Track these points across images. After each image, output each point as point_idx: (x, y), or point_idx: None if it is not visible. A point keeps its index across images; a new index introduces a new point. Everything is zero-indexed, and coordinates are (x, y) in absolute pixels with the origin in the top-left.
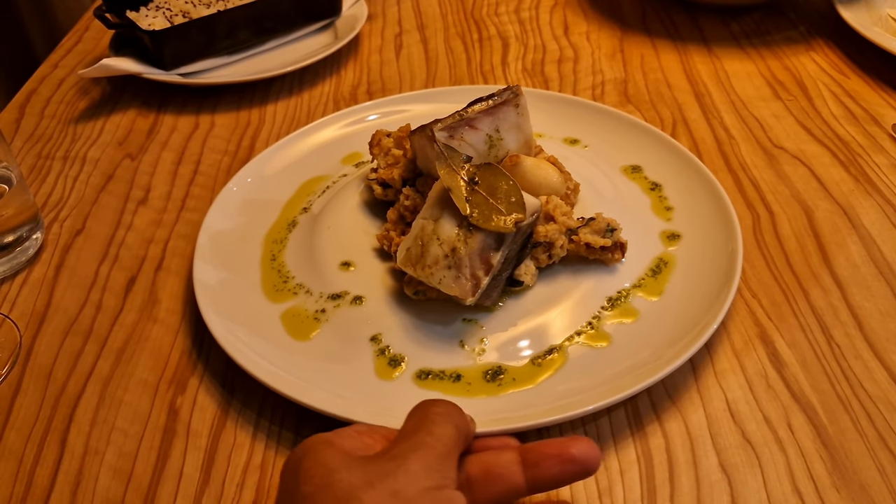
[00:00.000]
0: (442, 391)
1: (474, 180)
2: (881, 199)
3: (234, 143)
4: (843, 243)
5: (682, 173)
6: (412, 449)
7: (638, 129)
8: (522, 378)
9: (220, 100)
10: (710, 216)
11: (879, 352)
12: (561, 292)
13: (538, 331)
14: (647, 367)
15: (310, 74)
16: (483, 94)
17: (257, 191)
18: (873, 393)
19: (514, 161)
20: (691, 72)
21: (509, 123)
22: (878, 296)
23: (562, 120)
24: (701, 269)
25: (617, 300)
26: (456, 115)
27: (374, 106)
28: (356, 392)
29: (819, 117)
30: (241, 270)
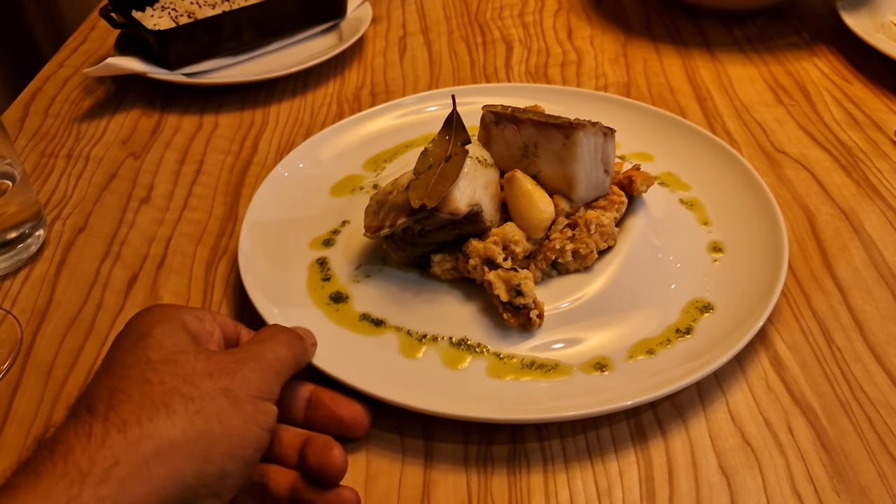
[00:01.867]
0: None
1: (448, 158)
2: (883, 204)
3: (238, 143)
4: (845, 247)
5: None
6: (253, 359)
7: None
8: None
9: (224, 100)
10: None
11: (880, 355)
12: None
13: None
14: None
15: (314, 76)
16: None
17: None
18: (873, 396)
19: (508, 177)
20: (694, 76)
21: (550, 149)
22: (879, 300)
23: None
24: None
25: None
26: (512, 108)
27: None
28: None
29: (821, 122)
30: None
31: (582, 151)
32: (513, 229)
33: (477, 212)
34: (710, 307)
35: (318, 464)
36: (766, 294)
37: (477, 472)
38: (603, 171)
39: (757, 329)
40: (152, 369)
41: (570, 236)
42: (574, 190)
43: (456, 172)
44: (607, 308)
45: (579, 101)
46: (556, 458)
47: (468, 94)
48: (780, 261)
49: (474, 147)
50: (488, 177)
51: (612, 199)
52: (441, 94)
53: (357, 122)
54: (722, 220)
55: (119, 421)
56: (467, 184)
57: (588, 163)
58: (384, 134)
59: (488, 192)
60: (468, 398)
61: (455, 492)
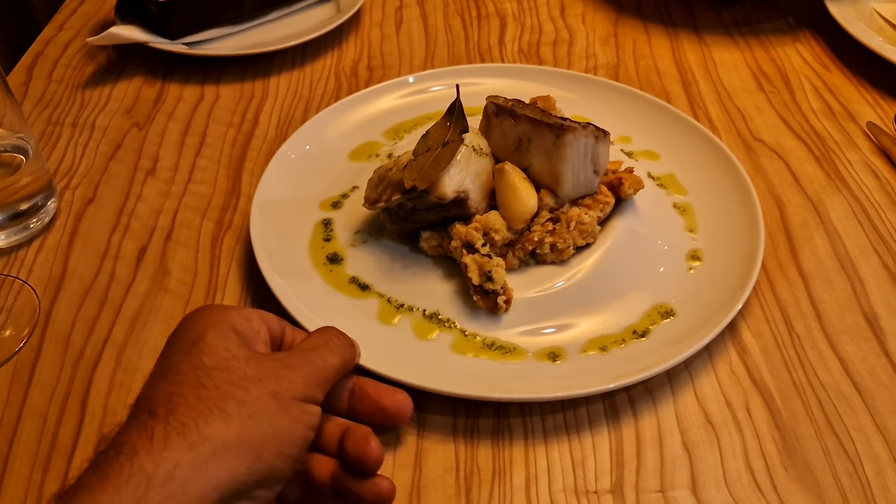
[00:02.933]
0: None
1: (445, 143)
2: (850, 196)
3: (239, 116)
4: (811, 238)
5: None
6: (302, 365)
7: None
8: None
9: (224, 71)
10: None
11: (834, 343)
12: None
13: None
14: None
15: (312, 48)
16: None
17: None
18: (825, 381)
19: (498, 168)
20: (681, 60)
21: (542, 146)
22: (838, 289)
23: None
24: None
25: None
26: (513, 101)
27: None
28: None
29: (799, 111)
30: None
31: (570, 152)
32: (496, 218)
33: (463, 199)
34: (672, 313)
35: (356, 454)
36: (729, 301)
37: (465, 443)
38: (592, 171)
39: (712, 336)
40: (207, 375)
41: (550, 230)
42: (560, 186)
43: (448, 159)
44: (573, 302)
45: (595, 90)
46: (536, 433)
47: (471, 75)
48: (751, 270)
49: (472, 136)
50: (481, 165)
51: (598, 198)
52: (451, 73)
53: (373, 94)
54: (707, 229)
55: (178, 424)
56: (458, 171)
57: (576, 163)
58: (407, 107)
59: (479, 180)
60: (432, 370)
61: (444, 459)
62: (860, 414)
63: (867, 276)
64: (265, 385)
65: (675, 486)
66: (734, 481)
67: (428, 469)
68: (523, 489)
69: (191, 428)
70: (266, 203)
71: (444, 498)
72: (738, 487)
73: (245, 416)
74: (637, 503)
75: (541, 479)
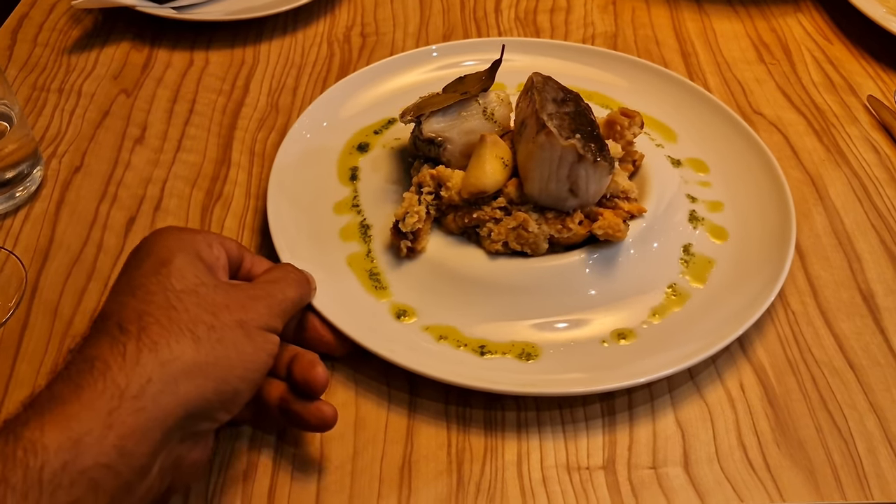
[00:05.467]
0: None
1: (465, 92)
2: (849, 171)
3: (229, 83)
4: (809, 213)
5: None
6: (266, 296)
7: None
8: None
9: (213, 36)
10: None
11: (830, 320)
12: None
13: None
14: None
15: (304, 13)
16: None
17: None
18: (819, 358)
19: (482, 136)
20: (680, 29)
21: (528, 135)
22: (834, 266)
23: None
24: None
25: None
26: (543, 83)
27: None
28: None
29: (799, 84)
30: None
31: (542, 154)
32: (455, 177)
33: (438, 143)
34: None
35: (303, 378)
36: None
37: (457, 419)
38: (567, 189)
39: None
40: (177, 298)
41: (496, 217)
42: (526, 183)
43: (443, 103)
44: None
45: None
46: (529, 409)
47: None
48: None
49: (494, 100)
50: (479, 126)
51: (566, 220)
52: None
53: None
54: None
55: (150, 342)
56: (447, 119)
57: (545, 169)
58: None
59: (466, 137)
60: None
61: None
62: (853, 391)
63: (864, 252)
64: (233, 313)
65: (668, 463)
66: (726, 458)
67: (419, 444)
68: (515, 465)
69: (162, 346)
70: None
71: (435, 473)
72: (730, 464)
73: (214, 341)
74: (629, 479)
75: (532, 455)
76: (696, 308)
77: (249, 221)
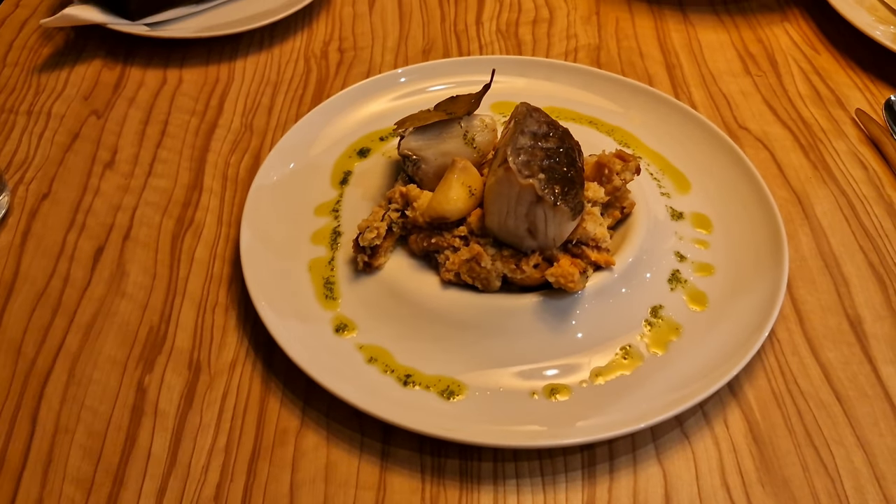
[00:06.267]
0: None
1: (450, 112)
2: (836, 189)
3: (203, 103)
4: (795, 234)
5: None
6: None
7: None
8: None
9: (188, 53)
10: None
11: (816, 348)
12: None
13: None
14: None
15: (280, 28)
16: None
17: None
18: (806, 389)
19: (454, 160)
20: (665, 40)
21: (495, 164)
22: (821, 290)
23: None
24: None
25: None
26: (526, 113)
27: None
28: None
29: (786, 96)
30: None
31: (501, 189)
32: (423, 198)
33: (413, 160)
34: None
35: None
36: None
37: (431, 461)
38: (526, 230)
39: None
40: None
41: (453, 245)
42: (486, 216)
43: (428, 120)
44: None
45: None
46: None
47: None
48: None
49: (478, 125)
50: (457, 149)
51: (522, 261)
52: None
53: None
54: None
55: None
56: (424, 138)
57: (503, 205)
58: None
59: (442, 158)
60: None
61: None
62: (840, 426)
63: (851, 276)
64: None
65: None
66: (709, 499)
67: (392, 491)
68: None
69: None
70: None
71: None
72: None
73: None
74: None
75: (509, 496)
76: (644, 375)
77: (221, 251)
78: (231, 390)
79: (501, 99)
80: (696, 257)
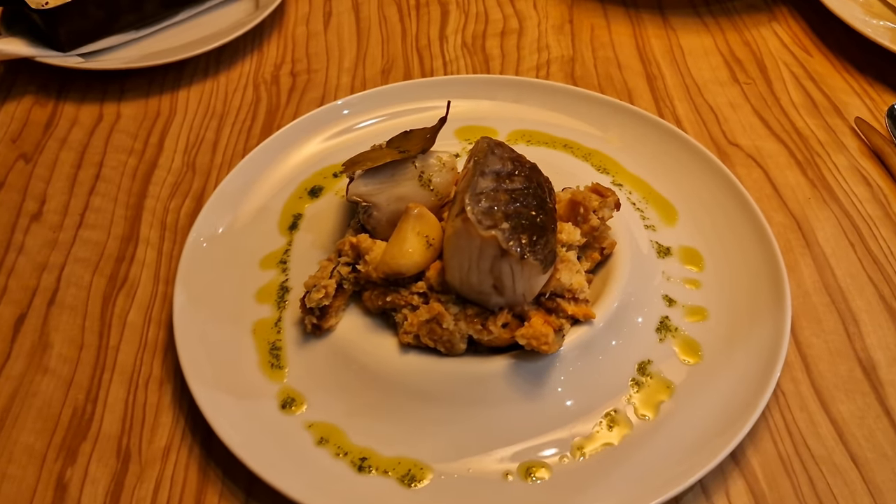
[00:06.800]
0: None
1: (404, 150)
2: (839, 210)
3: (142, 141)
4: (796, 265)
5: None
6: None
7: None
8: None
9: (126, 84)
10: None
11: (826, 401)
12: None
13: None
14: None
15: (228, 53)
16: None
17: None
18: (817, 452)
19: (408, 206)
20: (644, 48)
21: (452, 213)
22: (828, 331)
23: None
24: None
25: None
26: (489, 151)
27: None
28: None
29: (778, 105)
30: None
31: (458, 242)
32: (377, 249)
33: (364, 208)
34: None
35: None
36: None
37: None
38: (492, 286)
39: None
40: None
41: (411, 304)
42: (446, 271)
43: (377, 162)
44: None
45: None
46: None
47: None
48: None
49: (436, 165)
50: (411, 193)
51: (489, 321)
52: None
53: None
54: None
55: None
56: (376, 181)
57: (464, 259)
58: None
59: (397, 204)
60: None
61: None
62: (858, 494)
63: (861, 312)
64: None
65: None
66: None
67: None
68: None
69: None
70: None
71: None
72: None
73: None
74: None
75: None
76: (633, 445)
77: (156, 314)
78: (164, 482)
79: (467, 123)
80: (686, 300)
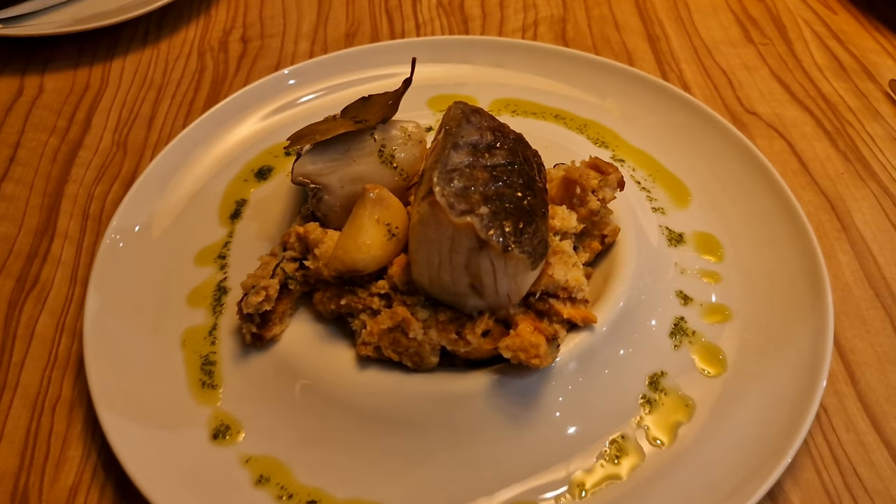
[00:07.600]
0: None
1: (360, 120)
2: (877, 187)
3: (66, 118)
4: (832, 252)
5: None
6: None
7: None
8: None
9: (53, 53)
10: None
11: (877, 418)
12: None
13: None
14: None
15: (171, 16)
16: None
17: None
18: (870, 484)
19: (366, 188)
20: (645, 5)
21: (419, 196)
22: (873, 331)
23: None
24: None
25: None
26: (464, 118)
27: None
28: None
29: (800, 68)
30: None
31: (426, 232)
32: (328, 241)
33: (312, 190)
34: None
35: None
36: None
37: None
38: (468, 285)
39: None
40: None
41: (370, 308)
42: (412, 267)
43: (328, 134)
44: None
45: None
46: None
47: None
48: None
49: (399, 139)
50: (370, 172)
51: (465, 328)
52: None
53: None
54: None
55: None
56: (326, 157)
57: (432, 254)
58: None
59: (352, 186)
60: None
61: None
62: None
63: None
64: None
65: None
66: None
67: None
68: None
69: None
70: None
71: None
72: None
73: None
74: None
75: None
76: (645, 480)
77: (70, 322)
78: None
79: (442, 91)
80: (704, 297)
